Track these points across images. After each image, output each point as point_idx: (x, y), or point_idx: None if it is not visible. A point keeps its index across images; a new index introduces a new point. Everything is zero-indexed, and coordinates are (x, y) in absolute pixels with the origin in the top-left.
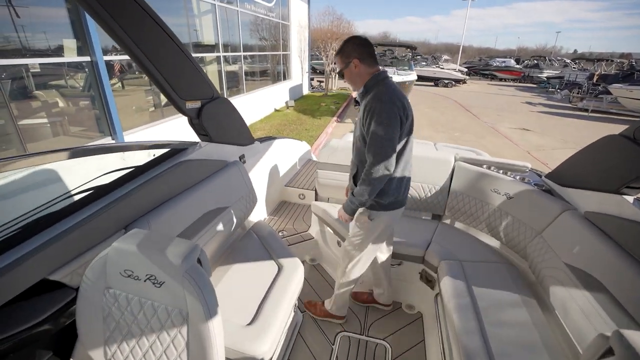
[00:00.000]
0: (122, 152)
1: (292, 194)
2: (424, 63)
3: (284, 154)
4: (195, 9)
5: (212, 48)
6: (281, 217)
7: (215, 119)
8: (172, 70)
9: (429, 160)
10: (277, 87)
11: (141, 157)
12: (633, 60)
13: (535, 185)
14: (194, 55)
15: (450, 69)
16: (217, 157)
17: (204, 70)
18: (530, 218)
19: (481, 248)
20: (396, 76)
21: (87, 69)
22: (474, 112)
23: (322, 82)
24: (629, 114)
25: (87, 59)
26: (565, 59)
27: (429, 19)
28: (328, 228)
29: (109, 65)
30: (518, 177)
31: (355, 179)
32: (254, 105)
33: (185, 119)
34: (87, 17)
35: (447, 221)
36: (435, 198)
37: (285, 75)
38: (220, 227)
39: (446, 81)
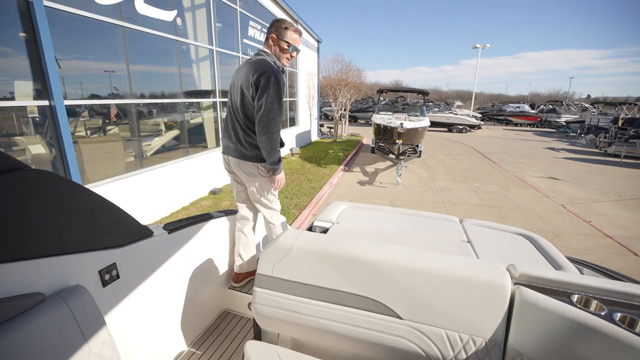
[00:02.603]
0: None
1: (240, 300)
2: (437, 109)
3: (230, 236)
4: (193, 54)
5: (208, 94)
6: (220, 338)
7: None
8: None
9: (459, 284)
10: (282, 134)
11: None
12: None
13: None
14: (185, 100)
15: (464, 114)
16: (11, 291)
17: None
18: None
19: None
20: (408, 122)
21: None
22: (493, 159)
23: (332, 128)
24: None
25: (46, 103)
26: (583, 103)
27: (438, 68)
28: None
29: (73, 110)
30: None
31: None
32: None
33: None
34: (46, 56)
35: None
36: None
37: (291, 122)
38: None
39: (460, 127)
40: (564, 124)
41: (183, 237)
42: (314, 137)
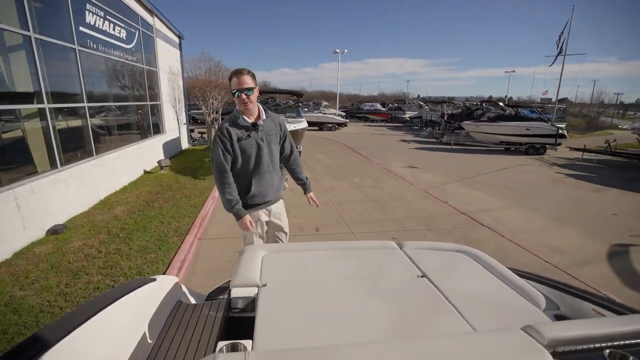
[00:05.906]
0: None
1: None
2: (306, 109)
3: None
4: None
5: (29, 97)
6: None
7: None
8: None
9: None
10: (146, 144)
11: None
12: (467, 103)
13: None
14: None
15: (331, 113)
16: None
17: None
18: None
19: None
20: (287, 124)
21: None
22: (363, 154)
23: (204, 133)
24: (479, 145)
25: None
26: (419, 102)
27: (301, 70)
28: None
29: None
30: None
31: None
32: (112, 169)
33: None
34: None
35: None
36: None
37: (156, 129)
38: None
39: (330, 125)
40: (408, 119)
41: None
42: (185, 144)
